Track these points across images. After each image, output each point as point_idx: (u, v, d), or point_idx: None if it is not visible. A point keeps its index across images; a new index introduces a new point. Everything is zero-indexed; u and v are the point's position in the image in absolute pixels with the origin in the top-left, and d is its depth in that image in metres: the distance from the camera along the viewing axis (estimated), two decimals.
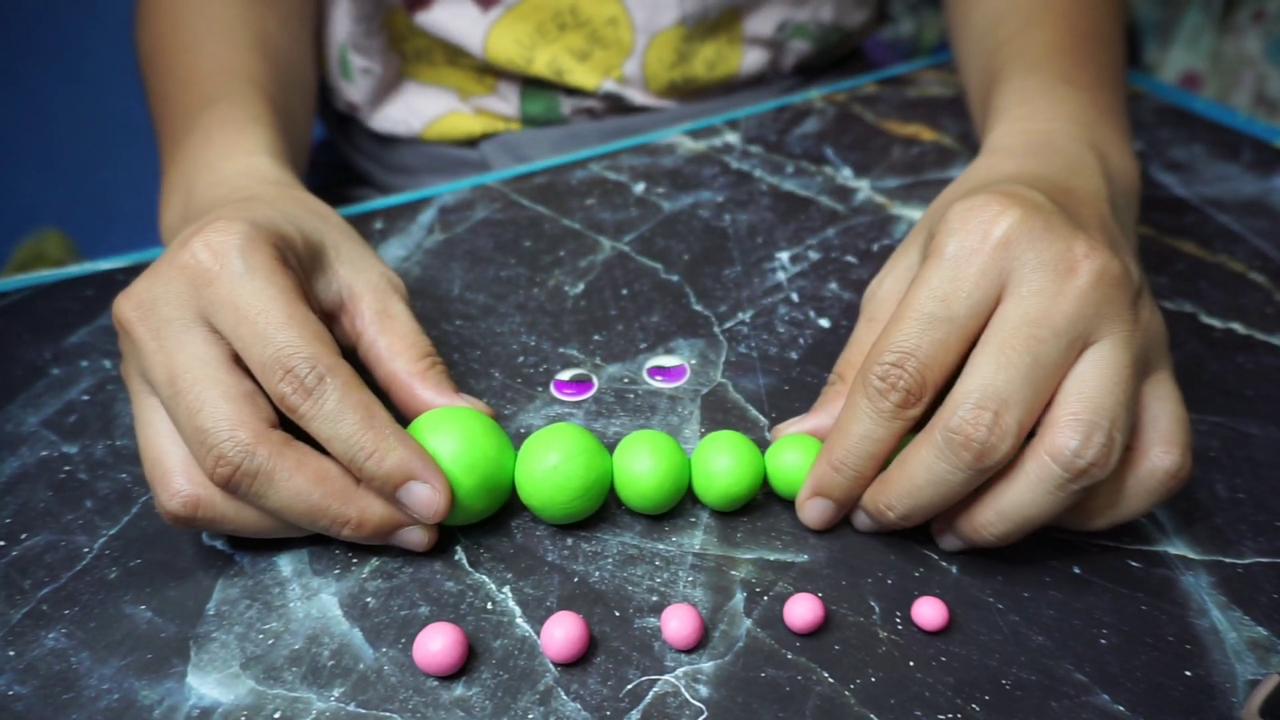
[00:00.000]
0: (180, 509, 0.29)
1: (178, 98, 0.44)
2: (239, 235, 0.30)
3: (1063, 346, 0.27)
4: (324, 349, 0.29)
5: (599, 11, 0.56)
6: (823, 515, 0.31)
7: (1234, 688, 0.27)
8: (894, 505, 0.29)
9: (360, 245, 0.35)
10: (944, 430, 0.27)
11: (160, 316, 0.29)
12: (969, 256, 0.28)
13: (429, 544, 0.30)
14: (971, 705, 0.27)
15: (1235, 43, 0.98)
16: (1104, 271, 0.28)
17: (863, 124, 0.57)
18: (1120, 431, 0.27)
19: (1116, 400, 0.27)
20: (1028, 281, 0.28)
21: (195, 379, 0.28)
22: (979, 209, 0.29)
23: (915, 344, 0.28)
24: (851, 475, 0.30)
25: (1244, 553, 0.31)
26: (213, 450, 0.28)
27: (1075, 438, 0.27)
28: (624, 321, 0.41)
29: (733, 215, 0.48)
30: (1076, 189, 0.33)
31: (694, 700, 0.27)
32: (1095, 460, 0.27)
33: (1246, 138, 0.55)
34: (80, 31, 1.44)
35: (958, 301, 0.28)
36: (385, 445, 0.28)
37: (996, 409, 0.27)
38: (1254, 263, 0.45)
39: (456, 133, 0.60)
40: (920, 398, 0.28)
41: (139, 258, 0.45)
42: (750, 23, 0.59)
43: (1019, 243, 0.28)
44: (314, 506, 0.28)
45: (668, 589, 0.30)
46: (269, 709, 0.27)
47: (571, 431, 0.31)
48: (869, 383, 0.29)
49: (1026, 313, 0.28)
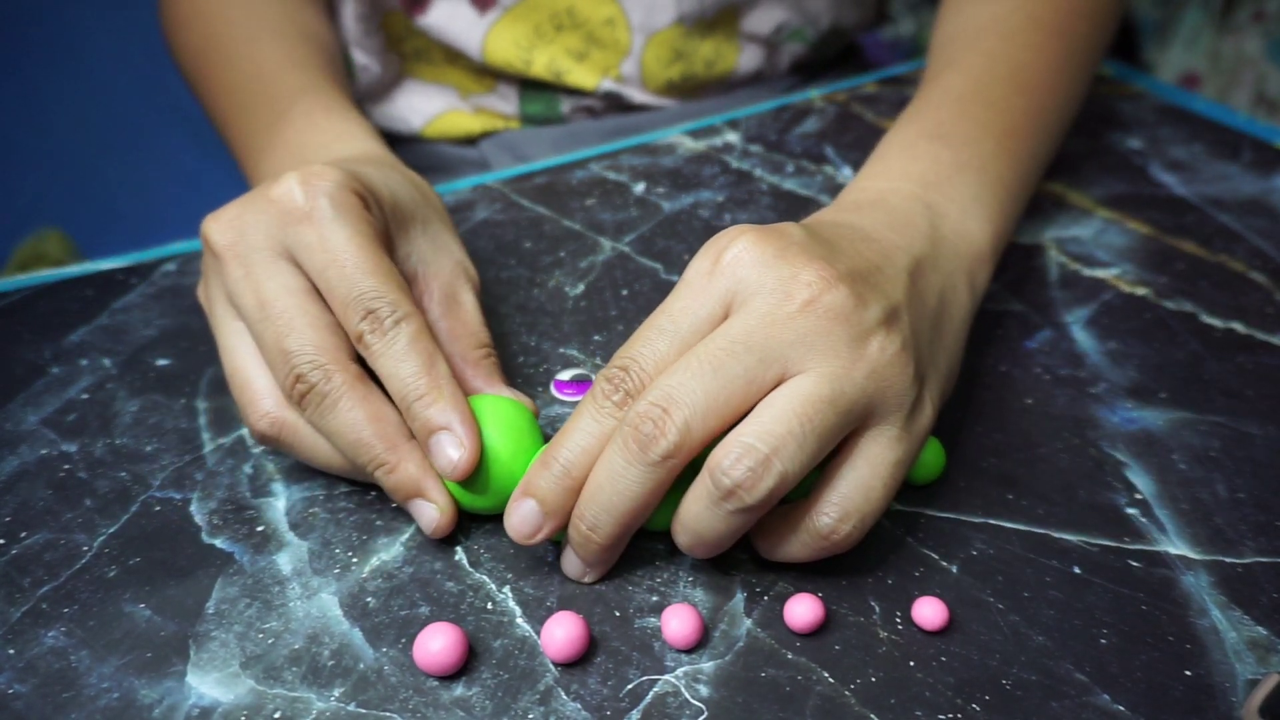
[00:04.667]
0: (268, 428, 0.31)
1: (253, 88, 0.46)
2: (331, 181, 0.32)
3: (751, 363, 0.27)
4: (403, 296, 0.31)
5: (596, 12, 0.56)
6: (526, 521, 0.29)
7: (1234, 688, 0.27)
8: (583, 512, 0.28)
9: (447, 227, 0.37)
10: (621, 425, 0.28)
11: (249, 244, 0.31)
12: (699, 279, 0.30)
13: (439, 525, 0.30)
14: (971, 705, 0.27)
15: (1235, 42, 0.98)
16: (819, 302, 0.28)
17: (863, 124, 0.57)
18: (781, 460, 0.26)
19: (787, 430, 0.27)
20: (746, 303, 0.29)
21: (285, 306, 0.30)
22: (720, 237, 0.30)
23: (638, 352, 0.29)
24: (559, 471, 0.29)
25: (1244, 553, 0.31)
26: (295, 369, 0.30)
27: (729, 456, 0.27)
28: (624, 322, 0.41)
29: (733, 215, 0.48)
30: (881, 240, 0.32)
31: (694, 700, 0.27)
32: (740, 482, 0.26)
33: (1246, 138, 0.55)
34: (81, 31, 1.44)
35: (684, 319, 0.29)
36: (436, 392, 0.30)
37: (665, 406, 0.27)
38: (1254, 262, 0.45)
39: (456, 131, 0.60)
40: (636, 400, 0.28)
41: (139, 258, 0.45)
42: (748, 21, 0.59)
43: (744, 265, 0.29)
44: (361, 440, 0.30)
45: (668, 589, 0.30)
46: (269, 709, 0.27)
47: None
48: (596, 385, 0.29)
49: (728, 329, 0.28)
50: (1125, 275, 0.44)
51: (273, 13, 0.49)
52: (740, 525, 0.28)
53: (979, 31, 0.45)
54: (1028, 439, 0.36)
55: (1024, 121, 0.41)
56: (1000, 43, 0.44)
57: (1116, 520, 0.32)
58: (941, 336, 0.32)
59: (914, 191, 0.36)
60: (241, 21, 0.49)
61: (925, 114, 0.41)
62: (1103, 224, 0.48)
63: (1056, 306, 0.42)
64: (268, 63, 0.46)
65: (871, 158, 0.40)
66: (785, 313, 0.28)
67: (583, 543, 0.29)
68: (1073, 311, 0.42)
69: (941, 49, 0.46)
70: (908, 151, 0.39)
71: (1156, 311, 0.42)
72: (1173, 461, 0.35)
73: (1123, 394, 0.37)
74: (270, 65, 0.46)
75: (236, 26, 0.49)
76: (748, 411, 0.28)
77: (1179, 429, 0.36)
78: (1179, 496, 0.33)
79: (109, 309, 0.42)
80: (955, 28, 0.47)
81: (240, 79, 0.47)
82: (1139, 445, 0.35)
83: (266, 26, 0.48)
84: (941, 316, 0.33)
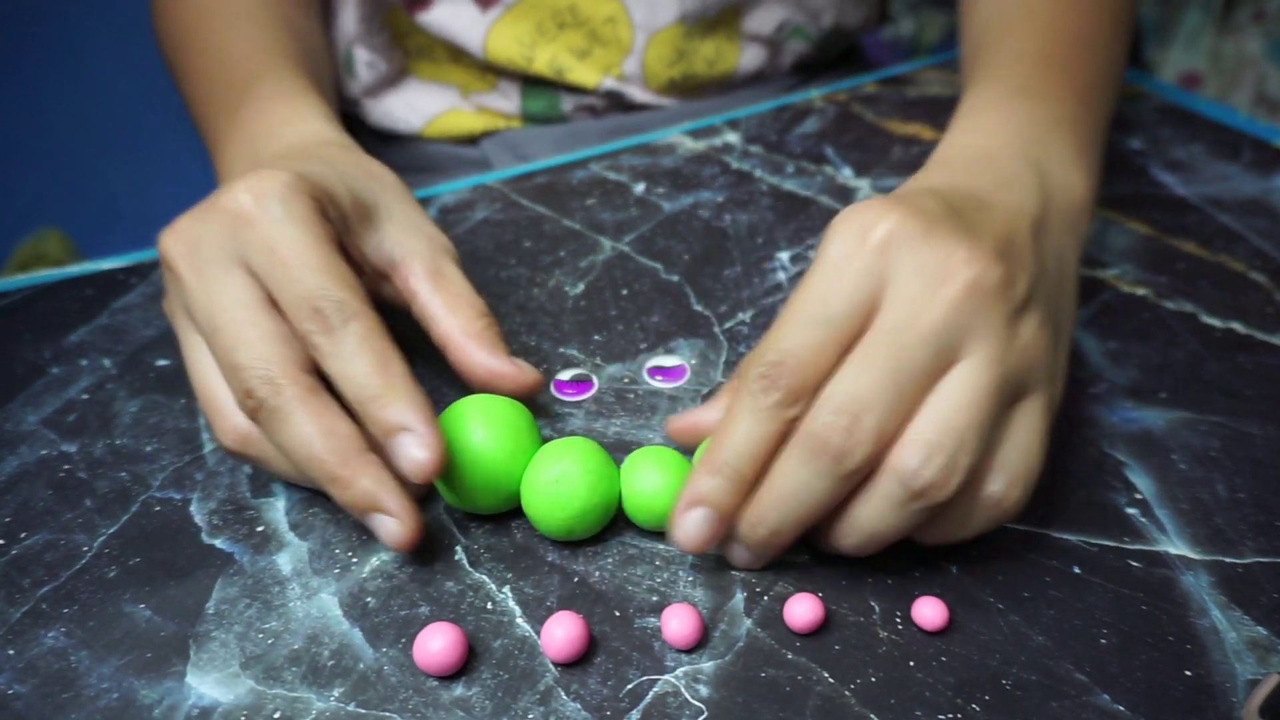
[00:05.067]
0: (234, 443, 0.31)
1: (219, 74, 0.46)
2: (280, 183, 0.31)
3: (930, 354, 0.27)
4: (352, 295, 0.30)
5: (598, 10, 0.56)
6: (702, 530, 0.28)
7: (1234, 688, 0.27)
8: (764, 519, 0.28)
9: (413, 207, 0.36)
10: (805, 435, 0.27)
11: (202, 256, 0.31)
12: (848, 259, 0.28)
13: (402, 539, 0.29)
14: (971, 705, 0.27)
15: (1235, 42, 0.98)
16: (979, 280, 0.27)
17: (863, 123, 0.57)
18: (966, 455, 0.26)
19: (967, 423, 0.26)
20: (903, 286, 0.28)
21: (234, 319, 0.30)
22: (861, 213, 0.29)
23: (794, 344, 0.28)
24: (732, 476, 0.28)
25: (1244, 553, 0.31)
26: (244, 384, 0.29)
27: (916, 457, 0.26)
28: (624, 321, 0.41)
29: (733, 215, 0.48)
30: (998, 203, 0.32)
31: (694, 700, 0.27)
32: (933, 482, 0.26)
33: (1246, 138, 0.54)
34: (81, 31, 1.44)
35: (835, 304, 0.28)
36: (392, 392, 0.29)
37: (855, 412, 0.26)
38: (1254, 262, 0.45)
39: (457, 130, 0.60)
40: (799, 397, 0.28)
41: (139, 258, 0.45)
42: (750, 20, 0.59)
43: (897, 246, 0.28)
44: (313, 455, 0.29)
45: (668, 589, 0.30)
46: (269, 709, 0.27)
47: (582, 448, 0.31)
48: (749, 382, 0.28)
49: (896, 319, 0.27)
50: (1125, 275, 0.44)
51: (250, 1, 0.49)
52: (922, 521, 0.28)
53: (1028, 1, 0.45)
54: None
55: (1093, 82, 0.42)
56: (1054, 8, 0.44)
57: (1116, 520, 0.32)
58: (1063, 298, 0.32)
59: (1017, 148, 0.35)
60: (218, 9, 0.49)
61: (1005, 74, 0.40)
62: (1103, 224, 0.48)
63: None
64: (235, 48, 0.46)
65: (961, 114, 0.39)
66: (948, 295, 0.27)
67: (762, 546, 0.29)
68: None
69: (991, 20, 0.46)
70: (1000, 109, 0.38)
71: (1156, 311, 0.42)
72: (1173, 461, 0.35)
73: (1122, 394, 0.37)
74: (238, 51, 0.46)
75: (213, 14, 0.49)
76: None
77: (1179, 429, 0.36)
78: (1179, 496, 0.33)
79: (109, 309, 0.42)
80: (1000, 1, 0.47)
81: (209, 64, 0.47)
82: (1139, 445, 0.35)
83: (242, 12, 0.48)
84: (1062, 277, 0.32)
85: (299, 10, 0.52)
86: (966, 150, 0.36)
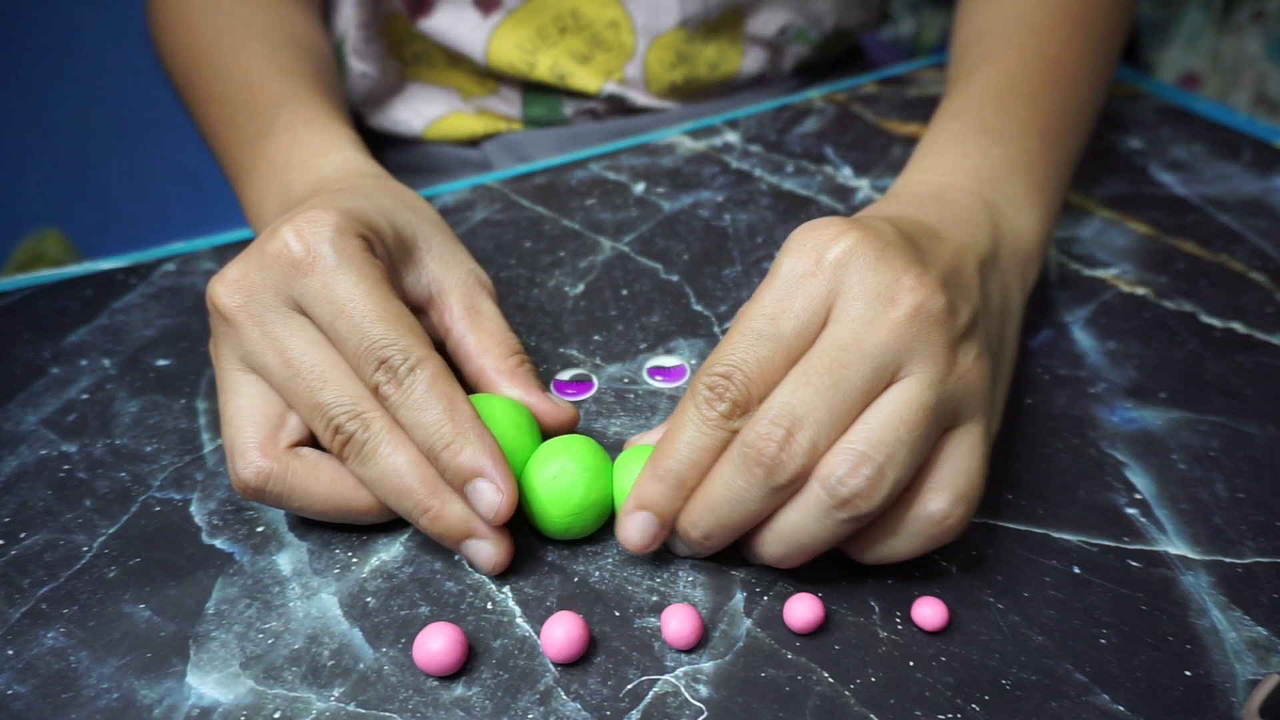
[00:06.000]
0: (253, 479, 0.30)
1: (238, 99, 0.45)
2: (329, 226, 0.31)
3: (867, 373, 0.27)
4: (416, 341, 0.30)
5: (600, 15, 0.56)
6: (642, 532, 0.29)
7: (1234, 688, 0.27)
8: (697, 523, 0.29)
9: (451, 240, 0.36)
10: (740, 445, 0.27)
11: (260, 304, 0.31)
12: (800, 278, 0.29)
13: (497, 563, 0.30)
14: (971, 705, 0.27)
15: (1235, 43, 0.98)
16: (923, 306, 0.28)
17: (863, 123, 0.57)
18: (894, 469, 0.27)
19: (898, 437, 0.27)
20: (849, 307, 0.28)
21: (315, 361, 0.30)
22: (817, 231, 0.29)
23: (742, 358, 0.28)
24: (674, 483, 0.29)
25: (1244, 553, 0.31)
26: (333, 420, 0.29)
27: (844, 465, 0.26)
28: (624, 321, 0.41)
29: (733, 215, 0.48)
30: (947, 238, 0.32)
31: (694, 700, 0.27)
32: (858, 491, 0.26)
33: (1246, 138, 0.55)
34: (81, 31, 1.44)
35: (785, 320, 0.28)
36: (463, 439, 0.29)
37: (789, 426, 0.27)
38: (1254, 262, 0.45)
39: (458, 133, 0.60)
40: (745, 410, 0.28)
41: (139, 258, 0.45)
42: (752, 23, 0.59)
43: (848, 266, 0.28)
44: (405, 485, 0.29)
45: (668, 589, 0.30)
46: (269, 709, 0.27)
47: (581, 446, 0.31)
48: (698, 392, 0.29)
49: (839, 337, 0.28)
50: (1125, 275, 0.44)
51: (259, 17, 0.49)
52: (846, 534, 0.28)
53: (1008, 26, 0.45)
54: (1027, 439, 0.35)
55: (1062, 118, 0.42)
56: (1031, 37, 0.44)
57: (1116, 520, 0.32)
58: (1005, 336, 0.33)
59: (971, 187, 0.36)
60: (228, 28, 0.48)
61: (970, 109, 0.40)
62: (1103, 224, 0.48)
63: (1056, 306, 0.42)
64: (252, 71, 0.46)
65: (921, 150, 0.39)
66: (892, 318, 0.28)
67: (696, 545, 0.29)
68: (1072, 311, 0.42)
69: (971, 43, 0.46)
70: (959, 146, 0.38)
71: (1156, 311, 0.42)
72: (1172, 461, 0.35)
73: (1122, 394, 0.37)
74: (254, 74, 0.45)
75: (223, 34, 0.48)
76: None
77: (1178, 429, 0.36)
78: (1179, 496, 0.33)
79: (109, 309, 0.42)
80: (983, 22, 0.47)
81: (226, 89, 0.46)
82: (1138, 445, 0.35)
83: (253, 32, 0.48)
84: (1006, 315, 0.33)
85: (307, 24, 0.51)
86: (923, 186, 0.37)
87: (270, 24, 0.48)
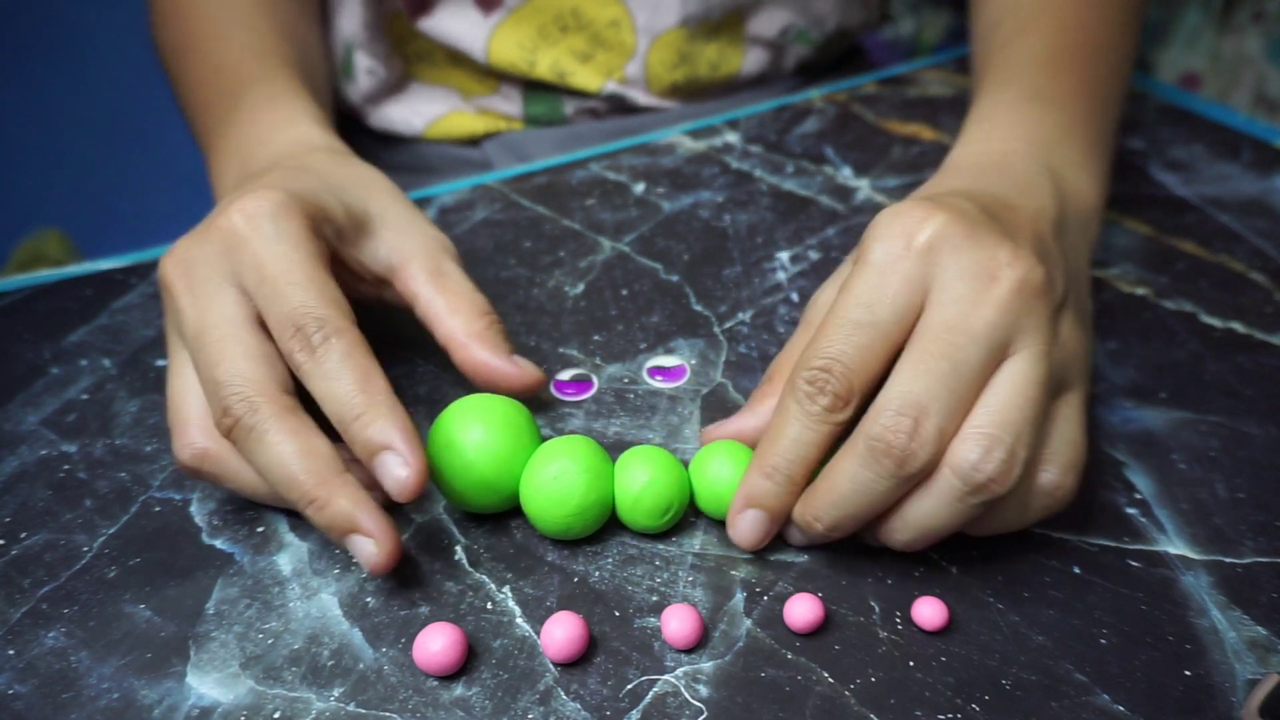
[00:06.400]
0: (189, 459, 0.30)
1: (213, 81, 0.45)
2: (273, 202, 0.31)
3: (982, 354, 0.27)
4: (336, 312, 0.30)
5: (601, 13, 0.56)
6: (755, 530, 0.30)
7: (1234, 688, 0.27)
8: (821, 516, 0.29)
9: (408, 209, 0.36)
10: (866, 438, 0.27)
11: (196, 276, 0.31)
12: (893, 263, 0.29)
13: (379, 562, 0.28)
14: (971, 705, 0.27)
15: (1235, 43, 0.98)
16: (1025, 280, 0.28)
17: (863, 123, 0.57)
18: (1023, 448, 0.27)
19: (1023, 416, 0.27)
20: (949, 288, 0.28)
21: (220, 335, 0.30)
22: (904, 215, 0.29)
23: (841, 349, 0.28)
24: (783, 481, 0.29)
25: (1244, 553, 0.31)
26: (222, 401, 0.29)
27: (976, 451, 0.27)
28: (624, 321, 0.41)
29: (733, 215, 0.48)
30: (1020, 206, 0.32)
31: (694, 700, 0.27)
32: (994, 476, 0.27)
33: (1246, 138, 0.54)
34: (81, 31, 1.44)
35: (882, 307, 0.28)
36: (374, 411, 0.28)
37: (916, 416, 0.27)
38: (1254, 262, 0.45)
39: (459, 132, 0.60)
40: (848, 402, 0.28)
41: (139, 258, 0.45)
42: (753, 24, 0.59)
43: (941, 249, 0.28)
44: (289, 475, 0.28)
45: (668, 589, 0.30)
46: (269, 709, 0.27)
47: (581, 446, 0.31)
48: (798, 387, 0.29)
49: (947, 319, 0.28)
50: (1125, 275, 0.44)
51: (246, 5, 0.49)
52: (978, 516, 0.28)
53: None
54: None
55: (1105, 83, 0.42)
56: (1068, 8, 0.44)
57: (1116, 520, 0.32)
58: (1086, 301, 0.33)
59: (1031, 153, 0.36)
60: (215, 16, 0.49)
61: (1019, 77, 0.40)
62: (1103, 224, 0.48)
63: None
64: (230, 56, 0.46)
65: (973, 119, 0.39)
66: (996, 296, 0.28)
67: (819, 538, 0.30)
68: None
69: (1003, 18, 0.46)
70: (1013, 113, 0.38)
71: (1156, 311, 0.42)
72: (1172, 461, 0.35)
73: (1122, 394, 0.37)
74: (232, 58, 0.46)
75: (211, 23, 0.49)
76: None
77: (1178, 429, 0.36)
78: (1179, 496, 0.33)
79: (109, 309, 0.42)
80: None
81: (204, 72, 0.47)
82: (1138, 445, 0.35)
83: (238, 20, 0.48)
84: (1080, 279, 0.33)
85: (298, 16, 0.52)
86: (982, 156, 0.36)
87: (257, 11, 0.49)
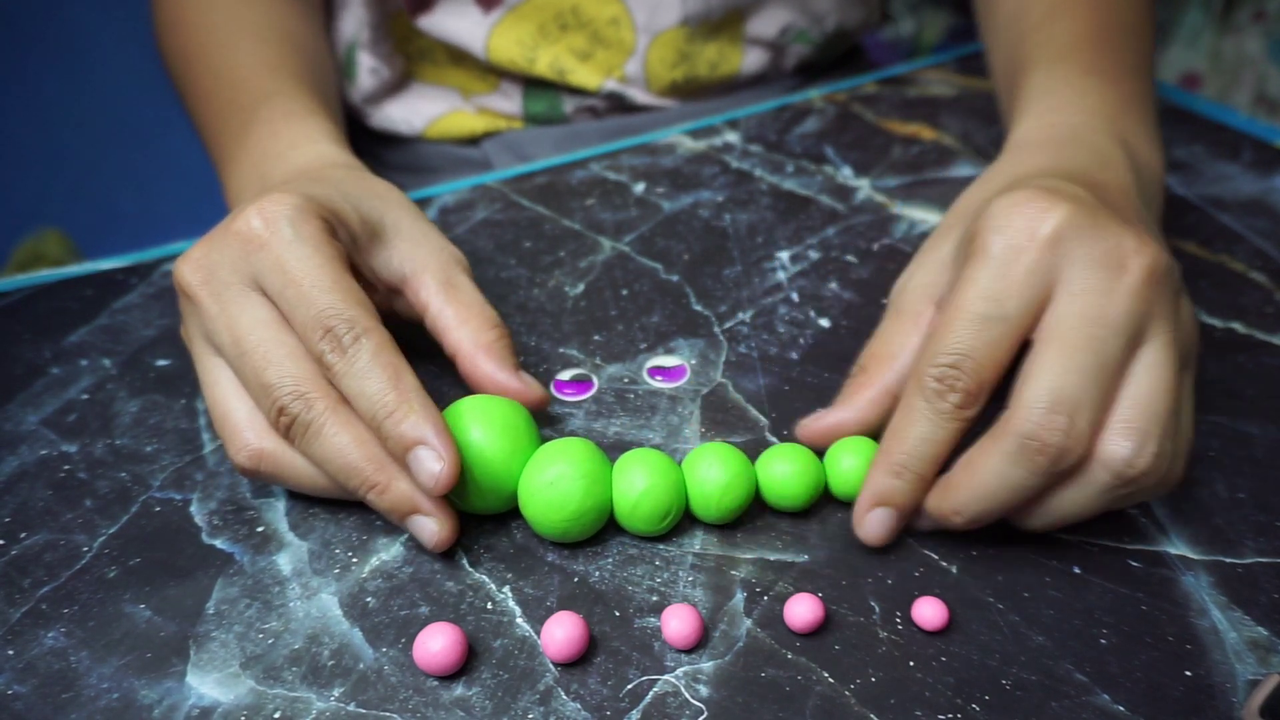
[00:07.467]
0: (247, 461, 0.31)
1: (225, 93, 0.46)
2: (290, 205, 0.31)
3: (1122, 344, 0.27)
4: (363, 312, 0.30)
5: (600, 12, 0.56)
6: (884, 527, 0.30)
7: (1234, 688, 0.27)
8: (963, 509, 0.29)
9: (421, 221, 0.36)
10: (1018, 436, 0.27)
11: (219, 281, 0.31)
12: (1017, 254, 0.28)
13: (440, 539, 0.30)
14: (971, 705, 0.27)
15: (1235, 42, 0.98)
16: (1154, 267, 0.28)
17: (863, 123, 0.57)
18: (1170, 440, 0.27)
19: (1167, 408, 0.27)
20: (1079, 279, 0.28)
21: (259, 339, 0.30)
22: (1023, 205, 0.29)
23: (970, 345, 0.28)
24: (913, 479, 0.29)
25: (1244, 553, 0.31)
26: (276, 402, 0.29)
27: (1128, 447, 0.26)
28: (624, 321, 0.41)
29: (733, 215, 0.48)
30: (1106, 183, 0.32)
31: (694, 700, 0.27)
32: (1147, 469, 0.27)
33: (1246, 138, 0.54)
34: (81, 31, 1.44)
35: (1009, 301, 0.28)
36: (405, 407, 0.29)
37: (1070, 413, 0.26)
38: (1254, 262, 0.45)
39: (459, 131, 0.60)
40: (978, 398, 0.28)
41: (139, 258, 0.45)
42: (753, 24, 0.59)
43: (1068, 239, 0.28)
44: (350, 463, 0.29)
45: (668, 589, 0.30)
46: (269, 709, 0.27)
47: (579, 449, 0.31)
48: (926, 385, 0.28)
49: (1083, 311, 0.27)
50: None
51: (254, 15, 0.49)
52: (1122, 505, 0.28)
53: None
54: None
55: (1143, 62, 0.42)
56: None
57: (1116, 520, 0.32)
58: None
59: (1101, 125, 0.36)
60: (222, 26, 0.49)
61: (1070, 54, 0.40)
62: None
63: None
64: (240, 68, 0.46)
65: (1030, 95, 0.39)
66: (1128, 285, 0.28)
67: (956, 528, 0.30)
68: None
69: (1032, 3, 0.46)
70: (1073, 87, 0.38)
71: None
72: None
73: None
74: (243, 70, 0.46)
75: (217, 31, 0.49)
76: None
77: None
78: (1179, 496, 0.33)
79: (109, 309, 0.42)
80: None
81: (216, 85, 0.47)
82: None
83: (246, 29, 0.48)
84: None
85: (302, 22, 0.51)
86: (1053, 129, 0.36)
87: (265, 22, 0.49)
